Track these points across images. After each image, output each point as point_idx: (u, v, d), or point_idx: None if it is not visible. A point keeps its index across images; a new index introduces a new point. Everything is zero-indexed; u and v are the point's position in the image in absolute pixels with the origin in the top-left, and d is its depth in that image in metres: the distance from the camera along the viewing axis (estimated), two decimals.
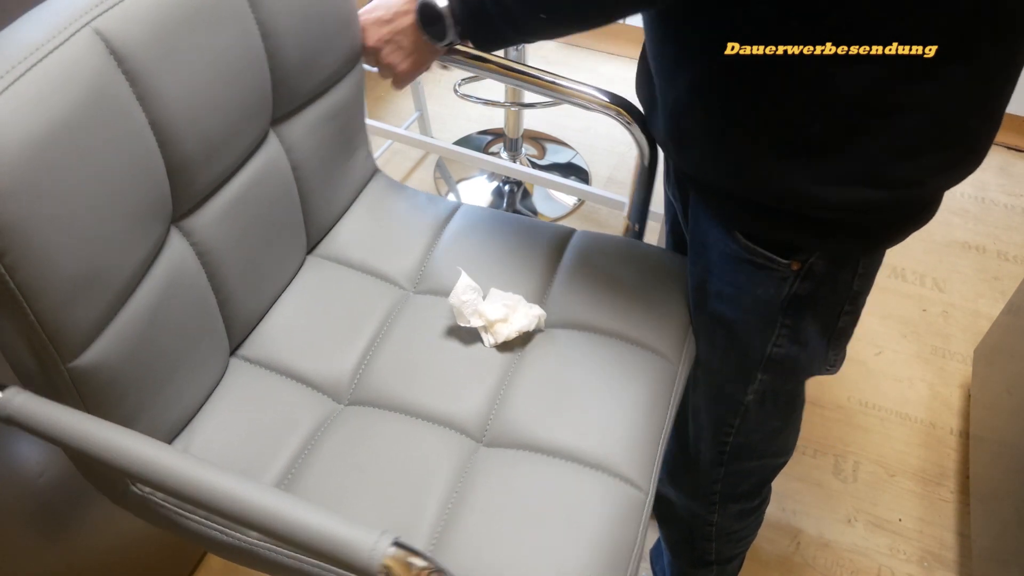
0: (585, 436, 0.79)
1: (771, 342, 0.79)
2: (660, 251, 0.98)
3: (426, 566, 0.54)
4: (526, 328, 0.86)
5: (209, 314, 0.78)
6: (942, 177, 0.64)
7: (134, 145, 0.64)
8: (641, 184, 1.00)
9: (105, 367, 0.65)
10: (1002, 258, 1.78)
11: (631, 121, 0.93)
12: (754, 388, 0.85)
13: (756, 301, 0.76)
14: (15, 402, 0.62)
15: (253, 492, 0.56)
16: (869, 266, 0.73)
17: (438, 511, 0.73)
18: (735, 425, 0.91)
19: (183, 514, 0.73)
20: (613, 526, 0.73)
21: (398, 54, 0.85)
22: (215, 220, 0.77)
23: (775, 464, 0.99)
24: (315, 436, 0.79)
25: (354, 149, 0.99)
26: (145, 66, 0.64)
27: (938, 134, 0.60)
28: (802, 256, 0.70)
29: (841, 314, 0.77)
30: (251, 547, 0.72)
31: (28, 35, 0.58)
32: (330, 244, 0.98)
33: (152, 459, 0.58)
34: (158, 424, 0.74)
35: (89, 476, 0.76)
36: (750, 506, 1.03)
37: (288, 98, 0.84)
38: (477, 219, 1.01)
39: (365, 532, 0.54)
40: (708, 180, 0.72)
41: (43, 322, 0.59)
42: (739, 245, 0.73)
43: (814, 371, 0.83)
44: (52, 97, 0.57)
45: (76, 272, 0.60)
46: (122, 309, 0.66)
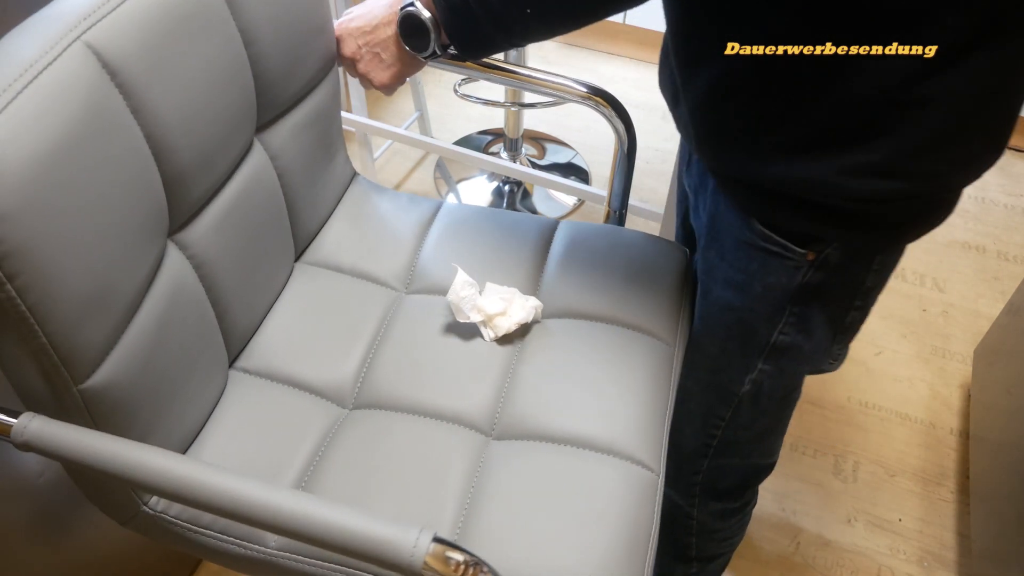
0: (593, 422, 0.80)
1: (777, 330, 0.78)
2: (643, 235, 1.00)
3: (466, 560, 0.55)
4: (524, 320, 0.87)
5: (208, 327, 0.78)
6: (964, 171, 0.64)
7: (132, 159, 0.63)
8: (621, 171, 1.01)
9: (115, 386, 0.64)
10: (1002, 258, 1.78)
11: (608, 109, 0.94)
12: (752, 378, 0.85)
13: (766, 288, 0.75)
14: (31, 427, 0.61)
15: (288, 497, 0.56)
16: (884, 263, 0.73)
17: (457, 506, 0.74)
18: (725, 418, 0.91)
19: (196, 530, 0.73)
20: (629, 507, 0.74)
21: (377, 65, 0.83)
22: (209, 232, 0.77)
23: (759, 466, 0.98)
24: (325, 442, 0.79)
25: (334, 153, 1.00)
26: (137, 78, 0.63)
27: (962, 127, 0.61)
28: (818, 247, 0.70)
29: (851, 308, 0.77)
30: (270, 558, 0.71)
31: (20, 51, 0.57)
32: (317, 250, 0.98)
33: (185, 473, 0.57)
34: (168, 440, 0.73)
35: (96, 499, 0.75)
36: (732, 506, 1.02)
37: (271, 104, 0.84)
38: (461, 217, 1.02)
39: (406, 529, 0.55)
40: (730, 172, 0.71)
41: (54, 344, 0.58)
42: (754, 232, 0.72)
43: (816, 364, 0.83)
44: (50, 114, 0.56)
45: (84, 291, 0.59)
46: (129, 326, 0.65)
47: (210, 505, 0.57)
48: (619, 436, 0.79)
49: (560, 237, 0.99)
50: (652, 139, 2.07)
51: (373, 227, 1.01)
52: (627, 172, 1.02)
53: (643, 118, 2.13)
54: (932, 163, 0.63)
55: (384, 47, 0.80)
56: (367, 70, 0.84)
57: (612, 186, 1.04)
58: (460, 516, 0.73)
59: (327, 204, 1.00)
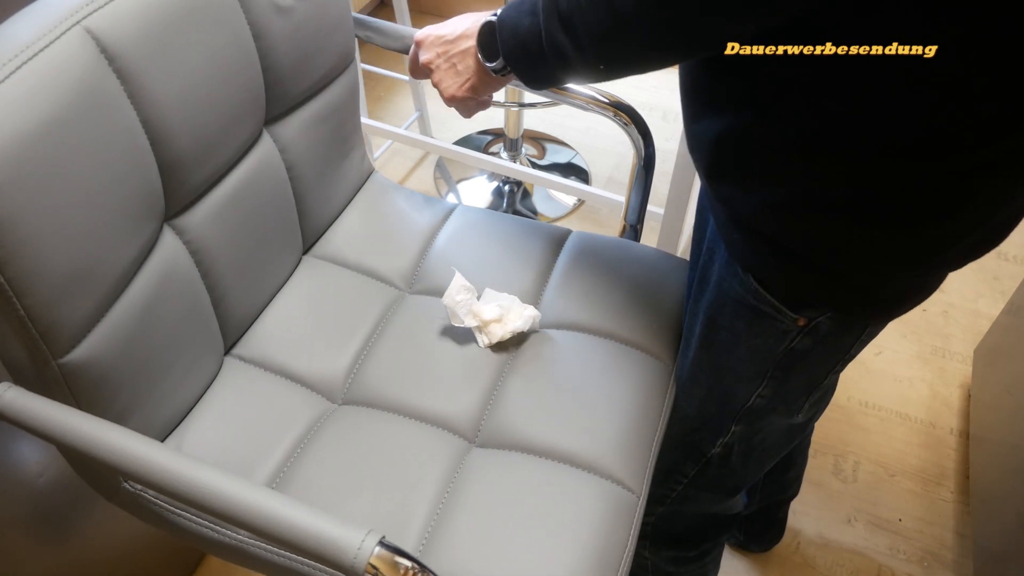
0: (578, 437, 0.78)
1: (756, 393, 0.76)
2: (656, 252, 0.98)
3: (412, 567, 0.54)
4: (520, 329, 0.86)
5: (203, 312, 0.79)
6: (966, 260, 0.62)
7: (125, 143, 0.64)
8: (638, 185, 1.00)
9: (96, 363, 0.65)
10: (1002, 258, 1.77)
11: (628, 122, 0.93)
12: (724, 441, 0.82)
13: (752, 350, 0.72)
14: (6, 397, 0.62)
15: (239, 489, 0.56)
16: (872, 332, 0.70)
17: (429, 511, 0.73)
18: (689, 475, 0.88)
19: (174, 511, 0.73)
20: (603, 527, 0.72)
21: (452, 76, 0.77)
22: (208, 219, 0.77)
23: (719, 517, 0.96)
24: (308, 435, 0.79)
25: (349, 150, 1.00)
26: (136, 65, 0.64)
27: (978, 227, 0.58)
28: (811, 313, 0.67)
29: (831, 373, 0.74)
30: (242, 545, 0.72)
31: (19, 33, 0.58)
32: (326, 244, 0.98)
33: (141, 456, 0.58)
34: (151, 421, 0.74)
35: (82, 472, 0.76)
36: (686, 555, 0.99)
37: (281, 98, 0.84)
38: (474, 220, 1.01)
39: (352, 531, 0.54)
40: (740, 214, 0.66)
41: (33, 317, 0.59)
42: (747, 289, 0.68)
43: (785, 420, 0.81)
44: (42, 94, 0.57)
45: (67, 267, 0.60)
46: (114, 305, 0.66)
47: (166, 489, 0.57)
48: (603, 454, 0.77)
49: (569, 247, 0.98)
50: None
51: (384, 225, 1.01)
52: (645, 186, 0.99)
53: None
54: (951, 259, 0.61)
55: (461, 58, 0.75)
56: (440, 79, 0.78)
57: (629, 200, 1.02)
58: (431, 522, 0.72)
59: (339, 199, 1.00)
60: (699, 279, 0.78)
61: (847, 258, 0.61)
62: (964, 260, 0.62)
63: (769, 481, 1.13)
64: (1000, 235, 0.61)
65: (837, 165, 0.56)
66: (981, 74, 0.49)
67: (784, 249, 0.63)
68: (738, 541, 1.24)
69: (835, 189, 0.57)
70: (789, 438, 0.86)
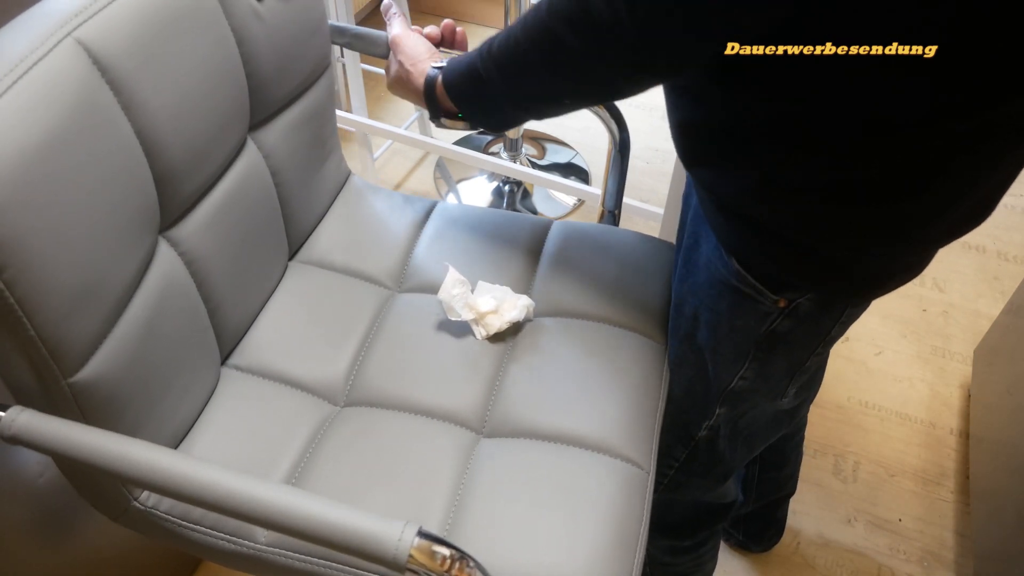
0: (583, 419, 0.80)
1: (738, 375, 0.78)
2: (636, 235, 1.00)
3: (451, 554, 0.55)
4: (516, 319, 0.87)
5: (200, 323, 0.78)
6: (951, 238, 0.63)
7: (122, 154, 0.63)
8: (614, 170, 1.02)
9: (105, 380, 0.64)
10: (1002, 258, 1.78)
11: (602, 108, 0.94)
12: (709, 424, 0.84)
13: (733, 330, 0.74)
14: (19, 421, 0.61)
15: (275, 491, 0.56)
16: (852, 314, 0.71)
17: (447, 503, 0.74)
18: (680, 459, 0.90)
19: (187, 526, 0.73)
20: (618, 503, 0.74)
21: (400, 84, 0.83)
22: (200, 228, 0.77)
23: (712, 506, 0.97)
24: (315, 439, 0.79)
25: (328, 152, 1.00)
26: (128, 75, 0.64)
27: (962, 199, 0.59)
28: (791, 294, 0.68)
29: (812, 355, 0.75)
30: (259, 553, 0.72)
31: (11, 46, 0.57)
32: (311, 249, 0.98)
33: (172, 467, 0.57)
34: (158, 436, 0.73)
35: (87, 494, 0.75)
36: (681, 545, 1.01)
37: (265, 103, 0.84)
38: (455, 216, 1.02)
39: (390, 523, 0.55)
40: (720, 197, 0.68)
41: (43, 337, 0.58)
42: (730, 271, 0.70)
43: (769, 405, 0.82)
44: (41, 109, 0.56)
45: (73, 285, 0.59)
46: (119, 321, 0.65)
47: (196, 498, 0.57)
48: (609, 433, 0.79)
49: (553, 237, 1.00)
50: (652, 139, 2.07)
51: (367, 226, 1.01)
52: (621, 172, 1.02)
53: (642, 118, 2.13)
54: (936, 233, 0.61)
55: (412, 79, 0.79)
56: (391, 82, 0.83)
57: (606, 186, 1.04)
58: (450, 512, 0.73)
59: (321, 203, 1.00)
60: (684, 261, 0.80)
61: (821, 234, 0.62)
62: (946, 238, 0.63)
63: (764, 479, 1.14)
64: (980, 213, 0.62)
65: (811, 147, 0.57)
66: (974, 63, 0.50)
67: (763, 229, 0.65)
68: (738, 541, 1.25)
69: (808, 169, 0.59)
70: (776, 424, 0.88)
